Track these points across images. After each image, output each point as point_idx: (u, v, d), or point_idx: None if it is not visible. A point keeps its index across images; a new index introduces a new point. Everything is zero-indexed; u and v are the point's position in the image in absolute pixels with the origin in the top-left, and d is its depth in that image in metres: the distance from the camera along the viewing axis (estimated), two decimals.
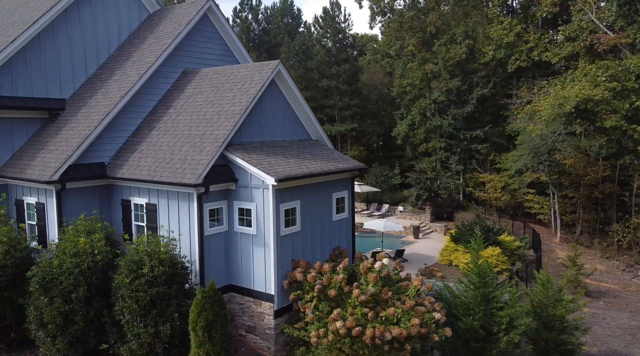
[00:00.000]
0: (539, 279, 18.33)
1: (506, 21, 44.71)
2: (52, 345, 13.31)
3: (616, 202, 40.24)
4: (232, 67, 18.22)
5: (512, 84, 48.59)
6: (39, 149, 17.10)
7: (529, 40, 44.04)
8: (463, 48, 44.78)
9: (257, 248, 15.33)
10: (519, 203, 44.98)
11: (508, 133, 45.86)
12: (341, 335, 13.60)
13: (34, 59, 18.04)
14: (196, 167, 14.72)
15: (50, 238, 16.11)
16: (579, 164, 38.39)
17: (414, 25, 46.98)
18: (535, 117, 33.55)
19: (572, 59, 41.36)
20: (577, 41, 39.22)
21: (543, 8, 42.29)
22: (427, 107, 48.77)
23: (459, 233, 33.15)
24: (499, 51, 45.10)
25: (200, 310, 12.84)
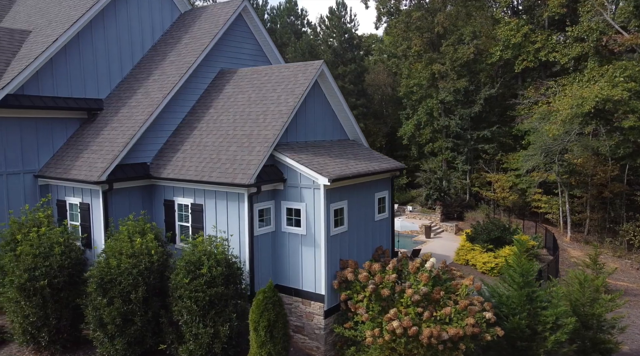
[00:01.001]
0: (575, 279, 18.49)
1: (513, 22, 44.97)
2: (111, 346, 13.26)
3: (625, 202, 40.62)
4: (272, 67, 18.23)
5: (517, 85, 48.89)
6: (81, 150, 17.01)
7: (536, 41, 44.33)
8: (471, 48, 45.01)
9: (306, 248, 15.35)
10: (526, 203, 45.26)
11: (515, 133, 46.17)
12: (397, 334, 13.68)
13: (73, 59, 17.96)
14: (247, 168, 14.73)
15: (95, 238, 16.04)
16: (588, 163, 38.72)
17: (421, 26, 47.13)
18: (551, 117, 33.78)
19: (581, 60, 41.69)
20: (587, 42, 39.54)
21: (550, 9, 42.59)
22: (434, 108, 48.96)
23: (475, 233, 33.37)
24: (506, 52, 45.37)
25: (262, 310, 12.87)
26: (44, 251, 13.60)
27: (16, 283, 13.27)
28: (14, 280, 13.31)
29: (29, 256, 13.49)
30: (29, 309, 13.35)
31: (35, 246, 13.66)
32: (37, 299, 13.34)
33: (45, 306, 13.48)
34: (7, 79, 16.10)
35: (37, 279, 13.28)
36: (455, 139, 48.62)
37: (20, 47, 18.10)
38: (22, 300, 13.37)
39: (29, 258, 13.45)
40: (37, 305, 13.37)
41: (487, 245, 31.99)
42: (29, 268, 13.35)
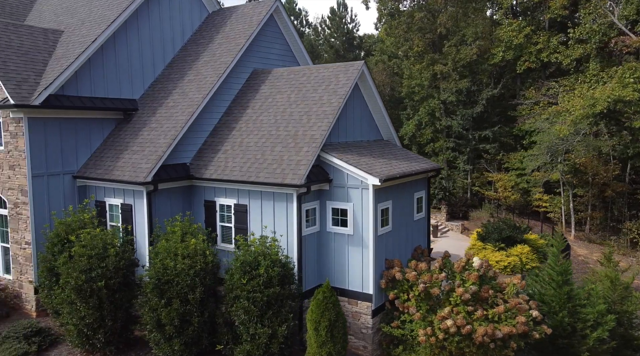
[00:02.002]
0: (606, 277, 18.81)
1: (515, 23, 45.45)
2: (168, 346, 13.24)
3: (626, 201, 41.29)
4: (309, 67, 18.29)
5: (518, 86, 49.39)
6: (121, 150, 16.92)
7: (537, 42, 44.85)
8: (474, 49, 45.39)
9: (353, 247, 15.43)
10: (527, 202, 45.79)
11: (515, 133, 46.69)
12: (450, 333, 13.82)
13: (109, 59, 17.85)
14: (297, 168, 14.77)
15: (138, 239, 15.95)
16: (592, 163, 39.30)
17: (423, 27, 47.41)
18: (560, 118, 34.22)
19: (582, 61, 42.25)
20: (589, 43, 40.11)
21: (552, 11, 43.11)
22: (436, 108, 49.32)
23: (486, 232, 33.66)
24: (508, 52, 45.84)
25: (323, 309, 12.94)
26: (99, 252, 13.53)
27: (72, 284, 13.19)
28: (70, 281, 13.22)
29: (83, 257, 13.41)
30: (85, 310, 13.28)
31: (90, 247, 13.58)
32: (94, 300, 13.28)
33: (102, 307, 13.43)
34: (49, 79, 15.97)
35: (93, 280, 13.22)
36: (457, 139, 48.99)
37: (55, 46, 17.94)
38: (78, 301, 13.29)
39: (84, 259, 13.37)
40: (94, 306, 13.31)
41: (498, 244, 32.29)
42: (84, 269, 13.27)
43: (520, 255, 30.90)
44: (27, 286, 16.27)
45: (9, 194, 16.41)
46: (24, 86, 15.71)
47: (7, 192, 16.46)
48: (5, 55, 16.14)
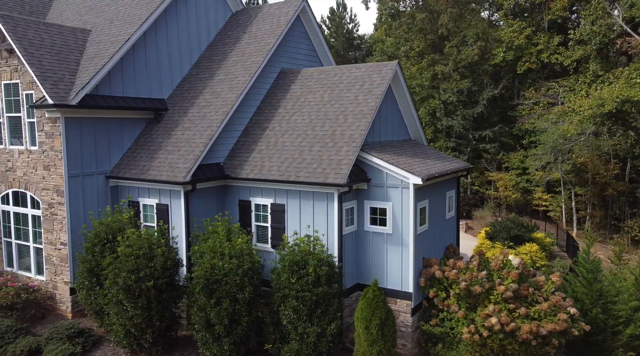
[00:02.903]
0: (630, 273, 19.14)
1: (516, 24, 45.93)
2: (218, 346, 13.24)
3: (627, 199, 41.92)
4: (340, 67, 18.35)
5: (519, 86, 49.89)
6: (154, 150, 16.86)
7: (538, 43, 45.36)
8: (475, 49, 45.78)
9: (392, 246, 15.53)
10: (527, 201, 46.31)
11: (515, 133, 47.22)
12: (495, 331, 13.98)
13: (140, 58, 17.78)
14: (339, 167, 14.83)
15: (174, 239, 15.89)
16: (593, 162, 39.87)
17: (424, 27, 47.70)
18: (567, 118, 34.66)
19: (582, 62, 42.81)
20: (590, 44, 40.67)
21: (554, 12, 43.64)
22: (436, 108, 49.68)
23: (494, 231, 34.01)
24: (509, 53, 46.31)
25: (374, 308, 13.02)
26: (146, 253, 13.49)
27: (120, 284, 13.13)
28: (118, 281, 13.16)
29: (130, 257, 13.35)
30: (133, 310, 13.22)
31: (136, 247, 13.53)
32: (142, 300, 13.23)
33: (150, 307, 13.38)
34: (85, 79, 15.86)
35: (142, 280, 13.17)
36: (458, 139, 49.38)
37: (85, 46, 17.82)
38: (126, 302, 13.23)
39: (131, 259, 13.32)
40: (142, 306, 13.25)
41: (507, 243, 32.65)
42: (132, 269, 13.22)
43: (529, 253, 31.25)
44: (62, 287, 16.15)
45: (43, 194, 16.28)
46: (60, 85, 15.60)
47: (40, 192, 16.33)
48: (40, 54, 16.00)
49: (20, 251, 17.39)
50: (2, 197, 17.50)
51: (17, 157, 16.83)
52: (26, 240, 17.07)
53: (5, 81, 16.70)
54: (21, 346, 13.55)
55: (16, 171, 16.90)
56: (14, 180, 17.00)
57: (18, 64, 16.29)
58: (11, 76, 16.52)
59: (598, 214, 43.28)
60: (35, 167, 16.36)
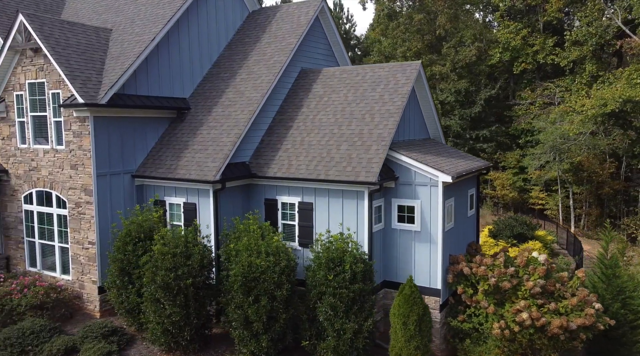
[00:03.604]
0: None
1: (512, 25, 46.47)
2: (256, 343, 13.33)
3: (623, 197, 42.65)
4: (363, 67, 18.52)
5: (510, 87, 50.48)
6: (180, 149, 16.90)
7: (534, 44, 45.95)
8: (473, 50, 46.25)
9: (420, 244, 15.74)
10: (524, 200, 46.90)
11: (512, 133, 47.82)
12: (525, 326, 14.24)
13: (164, 58, 17.82)
14: (369, 166, 15.00)
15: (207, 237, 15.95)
16: (590, 161, 40.53)
17: (422, 28, 48.07)
18: (568, 117, 35.21)
19: (578, 63, 43.44)
20: (586, 45, 41.31)
21: (549, 14, 44.25)
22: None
23: (497, 229, 34.43)
24: (505, 54, 46.85)
25: (411, 304, 13.21)
26: (183, 251, 13.54)
27: (159, 282, 13.18)
28: (157, 279, 13.21)
29: (168, 255, 13.40)
30: (172, 308, 13.27)
31: (173, 246, 13.59)
32: (181, 298, 13.29)
33: (188, 305, 13.44)
34: (113, 78, 15.86)
35: (180, 278, 13.23)
36: (456, 138, 49.82)
37: (108, 45, 17.80)
38: (165, 300, 13.28)
39: (169, 257, 13.37)
40: (180, 304, 13.31)
41: (511, 240, 33.08)
42: (169, 268, 13.28)
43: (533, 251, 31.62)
44: (90, 286, 16.13)
45: (69, 193, 16.24)
46: (89, 84, 15.58)
47: (67, 192, 16.29)
48: (67, 53, 15.97)
49: (43, 250, 17.31)
50: (24, 197, 17.40)
51: (41, 156, 16.77)
52: (50, 240, 17.01)
53: (29, 80, 16.63)
54: (57, 345, 13.53)
55: (41, 170, 16.83)
56: (38, 180, 16.93)
57: (44, 63, 16.23)
58: (36, 75, 16.46)
59: (594, 212, 44.00)
60: (61, 166, 16.31)
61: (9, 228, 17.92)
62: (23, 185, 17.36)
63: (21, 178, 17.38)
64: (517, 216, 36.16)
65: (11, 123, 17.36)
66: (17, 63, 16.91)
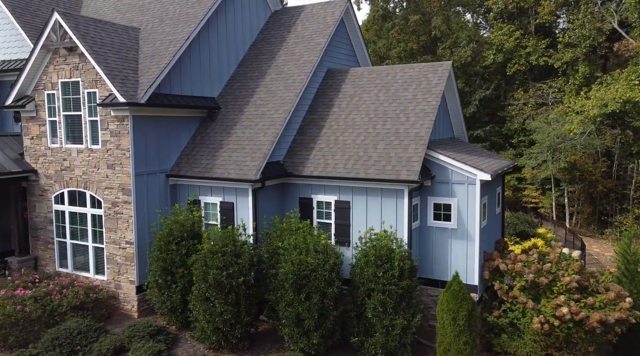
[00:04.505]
0: None
1: (505, 27, 47.22)
2: (306, 340, 13.45)
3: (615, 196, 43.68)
4: (392, 67, 18.74)
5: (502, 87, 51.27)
6: (215, 149, 16.93)
7: (527, 46, 46.77)
8: (468, 51, 46.88)
9: (456, 241, 16.02)
10: (518, 198, 47.72)
11: (505, 132, 48.65)
12: (565, 320, 14.61)
13: (195, 57, 17.83)
14: (410, 165, 15.23)
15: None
16: (585, 161, 41.43)
17: (417, 29, 48.57)
18: (567, 118, 35.96)
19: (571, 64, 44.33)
20: (579, 47, 42.20)
21: (542, 16, 45.11)
22: None
23: None
24: (499, 55, 47.59)
25: (460, 299, 13.47)
26: (233, 250, 13.61)
27: (210, 281, 13.23)
28: (208, 278, 13.26)
29: (217, 254, 13.46)
30: (223, 307, 13.32)
31: (222, 245, 13.65)
32: (232, 296, 13.35)
33: (239, 303, 13.51)
34: (150, 77, 15.84)
35: (231, 276, 13.30)
36: None
37: (138, 44, 17.75)
38: (216, 298, 13.33)
39: (218, 256, 13.43)
40: (232, 302, 13.37)
41: (514, 238, 33.66)
42: (220, 266, 13.34)
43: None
44: (127, 286, 16.07)
45: (105, 193, 16.16)
46: (128, 83, 15.54)
47: (103, 191, 16.20)
48: (104, 52, 15.90)
49: (75, 251, 17.18)
50: (55, 197, 17.25)
51: (75, 156, 16.64)
52: (83, 240, 16.89)
53: (62, 79, 16.50)
54: (106, 345, 13.48)
55: (74, 170, 16.71)
56: (71, 179, 16.80)
57: (79, 62, 16.12)
58: (70, 74, 16.34)
59: (587, 211, 44.99)
60: (97, 166, 16.21)
61: (38, 229, 17.74)
62: (54, 185, 17.20)
63: (52, 178, 17.22)
64: (519, 214, 36.82)
65: (41, 122, 17.20)
66: (49, 62, 16.75)
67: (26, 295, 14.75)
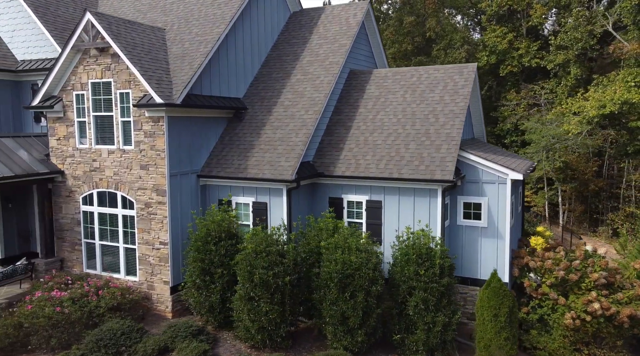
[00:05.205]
0: None
1: (499, 29, 47.93)
2: (350, 338, 13.62)
3: (606, 194, 44.66)
4: (416, 68, 19.00)
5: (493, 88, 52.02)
6: (245, 149, 17.01)
7: (519, 48, 47.56)
8: (462, 53, 47.46)
9: (486, 239, 16.35)
10: None
11: (497, 133, 49.37)
12: (597, 316, 15.02)
13: (223, 58, 17.89)
14: (444, 165, 15.51)
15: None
16: (579, 160, 42.28)
17: (412, 31, 49.01)
18: (564, 118, 36.65)
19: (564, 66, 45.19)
20: (572, 49, 43.06)
21: (534, 19, 45.93)
22: None
23: None
24: (492, 57, 48.29)
25: (502, 296, 13.78)
26: (277, 249, 13.73)
27: (257, 280, 13.33)
28: (254, 278, 13.35)
29: (262, 254, 13.57)
30: (269, 306, 13.43)
31: (266, 245, 13.76)
32: (278, 296, 13.47)
33: (284, 302, 13.63)
34: (184, 78, 15.87)
35: (277, 276, 13.42)
36: None
37: (166, 44, 17.73)
38: (262, 297, 13.43)
39: (263, 256, 13.54)
40: (278, 301, 13.49)
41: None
42: (266, 266, 13.45)
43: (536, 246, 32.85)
44: (161, 287, 16.06)
45: (138, 194, 16.12)
46: (163, 84, 15.54)
47: (135, 192, 16.16)
48: (137, 53, 15.87)
49: (103, 252, 17.10)
50: (83, 198, 17.16)
51: (105, 156, 16.57)
52: (113, 241, 16.82)
53: (93, 79, 16.43)
54: (150, 345, 13.49)
55: (104, 171, 16.63)
56: (101, 180, 16.72)
57: (111, 62, 16.07)
58: (102, 74, 16.27)
59: (578, 209, 45.91)
60: (129, 166, 16.17)
61: (64, 230, 17.61)
62: (82, 186, 17.10)
63: (80, 179, 17.12)
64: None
65: (69, 123, 17.09)
66: (78, 62, 16.65)
67: (63, 297, 14.67)
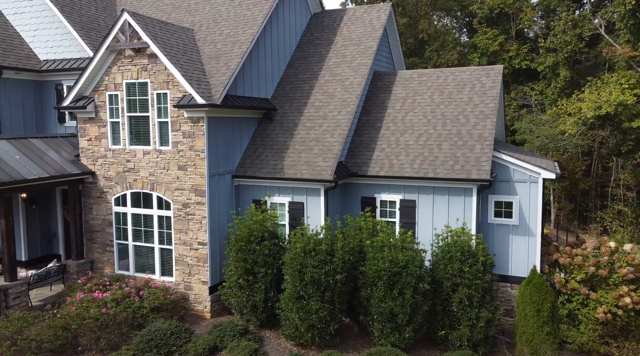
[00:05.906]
0: None
1: (490, 32, 48.77)
2: (398, 334, 13.86)
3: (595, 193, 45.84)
4: (442, 70, 19.35)
5: None
6: (279, 149, 17.15)
7: (509, 50, 48.48)
8: (455, 54, 48.16)
9: (517, 237, 16.77)
10: None
11: None
12: (628, 309, 15.55)
13: (254, 59, 18.00)
14: (479, 164, 15.88)
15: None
16: (572, 159, 43.33)
17: (405, 32, 49.53)
18: (560, 119, 37.51)
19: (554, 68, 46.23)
20: (561, 52, 44.08)
21: (524, 22, 46.88)
22: None
23: None
24: (483, 59, 49.10)
25: (544, 293, 14.18)
26: (327, 248, 13.92)
27: (307, 279, 13.50)
28: (305, 277, 13.52)
29: (311, 253, 13.74)
30: (319, 304, 13.60)
31: (314, 244, 13.93)
32: (328, 294, 13.66)
33: (334, 301, 13.82)
34: (222, 79, 15.95)
35: (328, 274, 13.60)
36: None
37: (196, 45, 17.76)
38: (313, 296, 13.60)
39: (312, 255, 13.71)
40: (328, 300, 13.68)
41: None
42: (316, 265, 13.63)
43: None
44: (199, 287, 16.10)
45: (175, 194, 16.13)
46: (202, 85, 15.60)
47: (172, 193, 16.17)
48: (175, 53, 15.90)
49: (136, 253, 17.06)
50: (115, 199, 17.09)
51: (140, 157, 16.54)
52: (148, 242, 16.78)
53: (128, 79, 16.38)
54: (201, 345, 13.55)
55: (139, 171, 16.59)
56: (136, 181, 16.68)
57: (148, 62, 16.05)
58: (138, 75, 16.24)
59: (568, 207, 47.01)
60: (166, 167, 16.17)
61: (94, 231, 17.50)
62: (115, 187, 17.03)
63: (112, 180, 17.04)
64: None
65: (101, 124, 17.00)
66: (112, 63, 16.58)
67: (106, 298, 14.63)
